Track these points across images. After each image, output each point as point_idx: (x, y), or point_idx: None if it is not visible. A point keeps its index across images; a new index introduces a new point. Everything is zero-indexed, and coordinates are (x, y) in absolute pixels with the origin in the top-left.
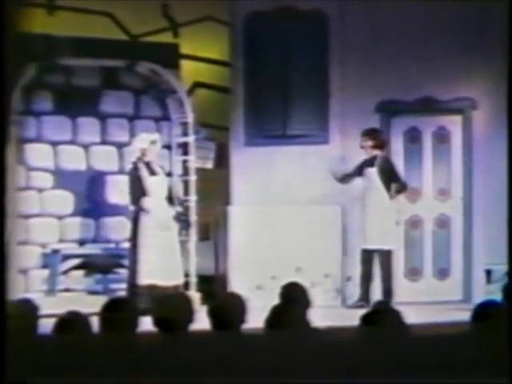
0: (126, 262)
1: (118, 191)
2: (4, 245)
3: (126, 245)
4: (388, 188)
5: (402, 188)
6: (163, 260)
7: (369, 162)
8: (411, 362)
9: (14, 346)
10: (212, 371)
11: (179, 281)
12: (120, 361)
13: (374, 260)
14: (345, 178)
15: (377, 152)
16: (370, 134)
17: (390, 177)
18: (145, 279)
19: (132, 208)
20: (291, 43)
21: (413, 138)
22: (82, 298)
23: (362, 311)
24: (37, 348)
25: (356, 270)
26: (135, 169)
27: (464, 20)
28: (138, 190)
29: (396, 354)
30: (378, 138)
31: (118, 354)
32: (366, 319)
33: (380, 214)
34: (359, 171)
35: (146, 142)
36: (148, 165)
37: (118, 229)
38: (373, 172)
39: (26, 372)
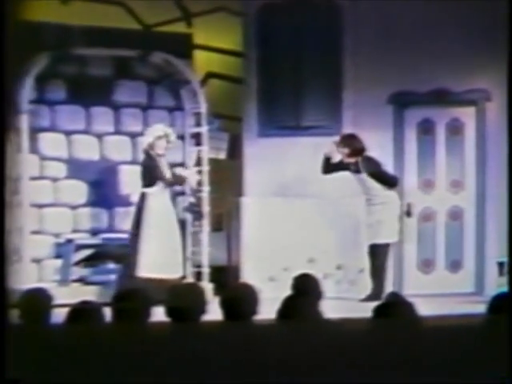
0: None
1: (131, 181)
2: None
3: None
4: (384, 184)
5: (394, 183)
6: (164, 252)
7: (353, 168)
8: (423, 354)
9: (26, 335)
10: (224, 362)
11: (179, 274)
12: (132, 350)
13: (381, 254)
14: (329, 169)
15: (353, 159)
16: (346, 140)
17: (380, 176)
18: (145, 271)
19: (134, 198)
20: (304, 34)
21: (426, 129)
22: (95, 288)
23: (374, 303)
24: (49, 338)
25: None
26: (149, 158)
27: (478, 11)
28: (148, 179)
29: (408, 346)
30: (353, 144)
31: (131, 343)
32: (378, 311)
33: (379, 210)
34: (337, 169)
35: (161, 131)
36: (155, 156)
37: (130, 219)
38: (362, 178)
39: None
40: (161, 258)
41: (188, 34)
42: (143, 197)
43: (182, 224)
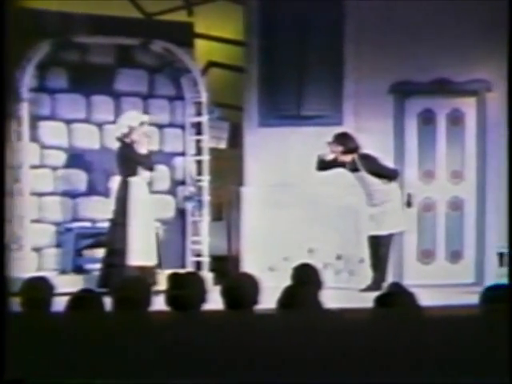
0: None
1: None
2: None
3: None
4: (385, 178)
5: (394, 175)
6: (147, 240)
7: (350, 166)
8: (424, 344)
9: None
10: (224, 351)
11: (154, 261)
12: (132, 338)
13: (384, 244)
14: (324, 166)
15: (346, 157)
16: (340, 139)
17: (379, 172)
18: (134, 260)
19: (113, 186)
20: (306, 23)
21: (427, 119)
22: (95, 277)
23: (375, 293)
24: (50, 326)
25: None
26: (125, 145)
27: (479, 1)
28: (128, 167)
29: (409, 336)
30: (347, 142)
31: (131, 332)
32: (379, 301)
33: (381, 203)
34: (331, 166)
35: (137, 121)
36: (132, 144)
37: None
38: (362, 175)
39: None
40: (145, 246)
41: (189, 22)
42: (125, 185)
43: (182, 213)
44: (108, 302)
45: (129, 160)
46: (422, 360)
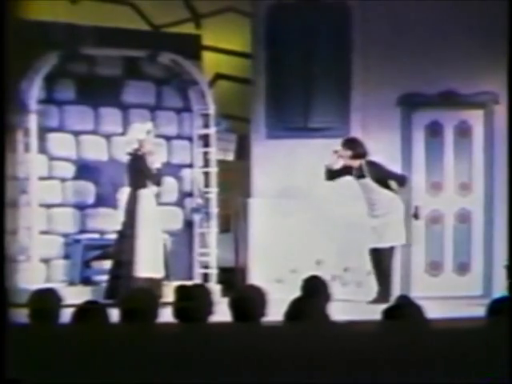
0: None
1: None
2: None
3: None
4: (388, 187)
5: (403, 181)
6: (156, 252)
7: (356, 173)
8: (432, 356)
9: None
10: (231, 363)
11: (161, 273)
12: (139, 351)
13: (386, 257)
14: (332, 175)
15: (354, 162)
16: (349, 143)
17: (386, 178)
18: (143, 272)
19: (122, 198)
20: (313, 35)
21: (434, 131)
22: (103, 289)
23: (382, 306)
24: (57, 337)
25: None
26: (136, 158)
27: (487, 14)
28: (138, 180)
29: (417, 348)
30: (356, 147)
31: (138, 343)
32: (387, 313)
33: (383, 214)
34: (339, 175)
35: (143, 132)
36: (144, 156)
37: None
38: (367, 182)
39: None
40: (153, 258)
41: (196, 34)
42: (134, 197)
43: (190, 225)
44: (113, 314)
45: (138, 173)
46: (430, 372)
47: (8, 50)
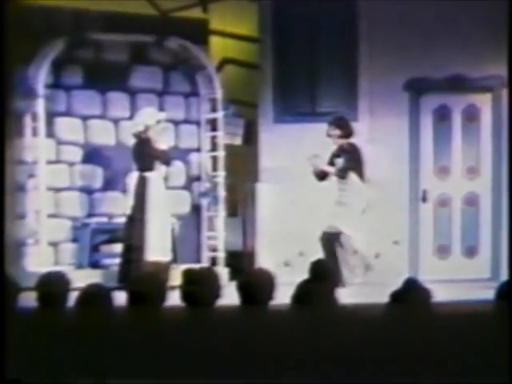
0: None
1: None
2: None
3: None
4: (360, 175)
5: (363, 179)
6: (164, 236)
7: (337, 153)
8: (438, 340)
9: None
10: (238, 346)
11: (169, 257)
12: (146, 334)
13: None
14: (321, 175)
15: (343, 141)
16: (337, 122)
17: (356, 164)
18: (153, 255)
19: (130, 182)
20: (320, 20)
21: (442, 116)
22: (111, 272)
23: (390, 290)
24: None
25: (386, 247)
26: (141, 141)
27: None
28: (145, 162)
29: (423, 332)
30: (345, 127)
31: (145, 327)
32: (394, 297)
33: (344, 202)
34: (331, 164)
35: (153, 119)
36: (148, 140)
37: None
38: (340, 162)
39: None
40: (161, 242)
41: (204, 19)
42: (142, 181)
43: (198, 209)
44: (117, 297)
45: (146, 155)
46: (437, 357)
47: (7, 39)
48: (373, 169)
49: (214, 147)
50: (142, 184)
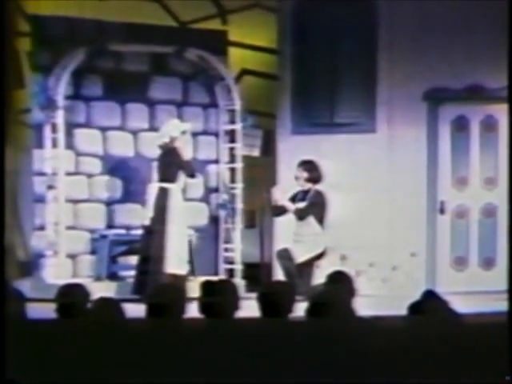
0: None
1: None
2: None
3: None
4: (320, 221)
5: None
6: (182, 248)
7: (301, 196)
8: (458, 351)
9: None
10: (256, 357)
11: (186, 269)
12: (165, 346)
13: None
14: (278, 211)
15: (310, 185)
16: (306, 165)
17: (319, 210)
18: (172, 268)
19: (149, 193)
20: (339, 30)
21: (460, 126)
22: (129, 284)
23: (408, 301)
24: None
25: (403, 259)
26: (168, 151)
27: None
28: (169, 174)
29: (443, 343)
30: (313, 170)
31: (165, 339)
32: (413, 308)
33: (300, 240)
34: (292, 203)
35: (178, 130)
36: (173, 152)
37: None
38: (302, 205)
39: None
40: (179, 254)
41: (223, 30)
42: (163, 192)
43: (215, 221)
44: (132, 308)
45: (172, 166)
46: (457, 367)
47: (8, 49)
48: (391, 179)
49: (232, 158)
50: (162, 195)
